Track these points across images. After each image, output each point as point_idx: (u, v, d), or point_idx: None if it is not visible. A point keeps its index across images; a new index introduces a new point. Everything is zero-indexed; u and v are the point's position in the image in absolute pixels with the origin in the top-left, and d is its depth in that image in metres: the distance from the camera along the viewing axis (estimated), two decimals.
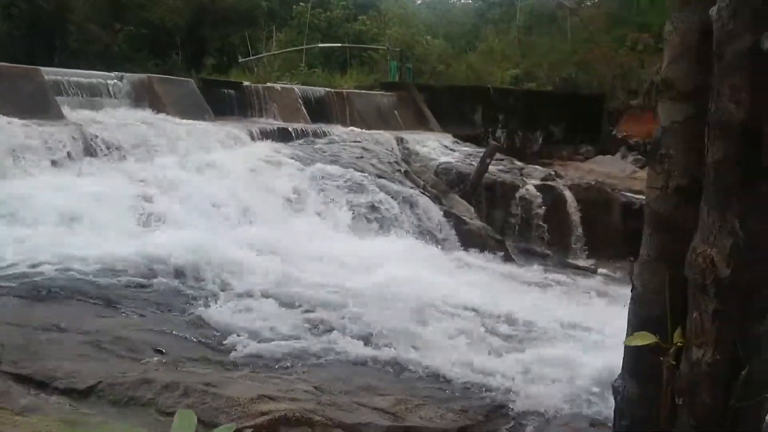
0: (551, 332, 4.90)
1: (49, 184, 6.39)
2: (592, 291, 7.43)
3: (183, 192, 7.03)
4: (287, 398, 2.92)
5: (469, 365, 3.87)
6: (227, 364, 3.44)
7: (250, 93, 11.85)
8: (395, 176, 9.72)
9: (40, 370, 2.90)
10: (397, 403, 3.18)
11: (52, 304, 3.91)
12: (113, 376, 2.93)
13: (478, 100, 15.42)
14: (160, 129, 8.50)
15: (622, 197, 11.53)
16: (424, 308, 4.95)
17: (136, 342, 3.51)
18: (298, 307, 4.49)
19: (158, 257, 4.98)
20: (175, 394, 2.79)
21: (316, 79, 18.25)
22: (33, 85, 8.50)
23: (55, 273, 4.41)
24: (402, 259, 6.62)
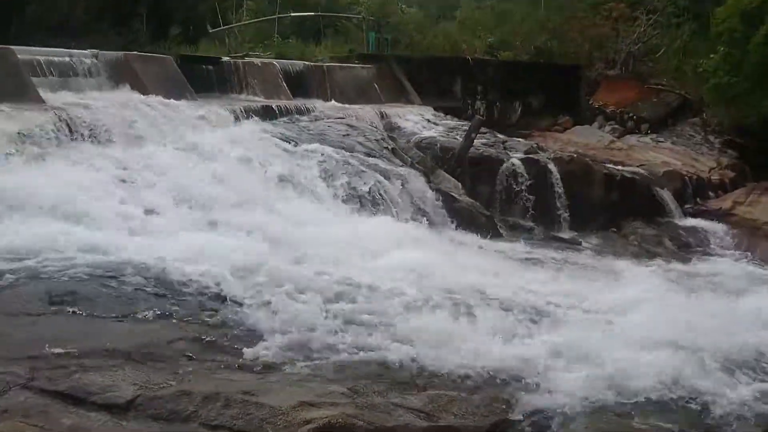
0: (562, 315, 5.00)
1: (36, 175, 6.17)
2: (584, 267, 7.59)
3: (173, 179, 6.89)
4: (327, 403, 2.94)
5: (491, 354, 3.93)
6: (257, 367, 3.43)
7: (230, 69, 11.57)
8: (383, 154, 9.68)
9: (75, 386, 2.85)
10: (429, 402, 3.23)
11: (64, 311, 3.82)
12: (150, 388, 2.91)
13: (457, 71, 15.33)
14: (143, 111, 8.26)
15: (603, 169, 11.69)
16: (433, 296, 4.98)
17: (162, 349, 3.47)
18: (313, 300, 4.47)
19: (161, 254, 4.88)
20: (216, 406, 2.78)
21: (290, 50, 17.85)
22: (6, 66, 8.15)
23: (62, 275, 4.29)
24: (400, 242, 6.66)
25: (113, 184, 6.41)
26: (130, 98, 8.80)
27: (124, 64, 9.69)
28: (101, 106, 8.02)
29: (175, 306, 4.19)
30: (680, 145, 14.11)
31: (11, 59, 8.25)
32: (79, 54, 9.53)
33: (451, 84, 15.27)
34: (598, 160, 12.43)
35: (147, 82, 9.60)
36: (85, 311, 3.85)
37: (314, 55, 17.15)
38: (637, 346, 4.15)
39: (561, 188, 11.13)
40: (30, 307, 3.80)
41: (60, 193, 5.85)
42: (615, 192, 11.44)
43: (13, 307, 3.78)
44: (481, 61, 16.01)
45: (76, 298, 3.99)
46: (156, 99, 9.01)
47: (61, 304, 3.89)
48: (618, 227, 11.17)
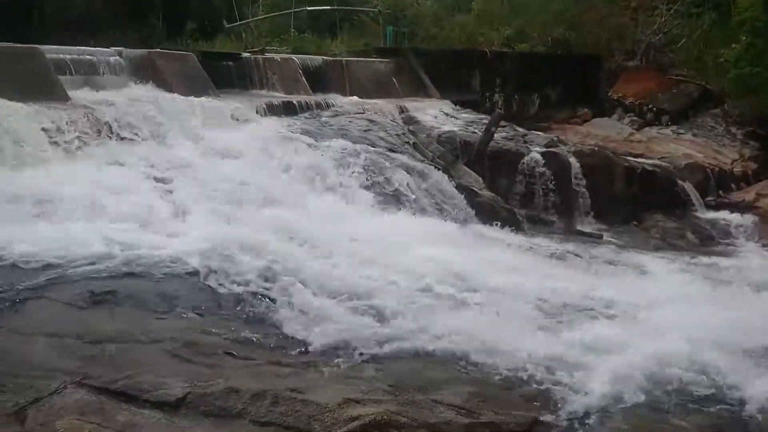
0: (591, 310, 5.02)
1: (66, 174, 6.28)
2: (609, 262, 7.59)
3: (201, 176, 6.96)
4: (371, 400, 3.00)
5: (525, 351, 3.96)
6: (297, 365, 3.50)
7: (250, 64, 11.63)
8: (405, 149, 9.70)
9: (127, 384, 2.93)
10: (469, 398, 3.27)
11: (107, 309, 3.91)
12: (198, 385, 2.98)
13: (475, 65, 15.29)
14: (168, 109, 8.34)
15: (624, 162, 11.63)
16: (462, 292, 5.02)
17: (205, 346, 3.55)
18: (346, 297, 4.54)
19: (192, 251, 4.96)
20: (265, 403, 2.85)
21: (307, 45, 17.87)
22: (35, 65, 8.26)
23: (101, 274, 4.38)
24: (426, 238, 6.69)
25: (142, 181, 6.50)
26: (154, 95, 8.88)
27: (147, 62, 9.79)
28: (127, 104, 8.11)
29: (212, 303, 4.27)
30: (701, 137, 13.97)
31: (40, 58, 8.36)
32: (104, 52, 9.64)
33: (469, 77, 15.24)
34: (618, 152, 12.37)
35: (170, 79, 9.69)
36: (128, 309, 3.94)
37: (330, 49, 17.18)
38: (669, 342, 4.16)
39: (582, 182, 11.10)
40: (75, 305, 3.89)
41: (92, 191, 5.96)
42: (636, 185, 11.37)
43: (58, 306, 3.88)
44: (499, 54, 15.94)
45: (117, 296, 4.07)
46: (179, 96, 9.10)
47: (104, 302, 3.97)
48: (639, 220, 11.11)
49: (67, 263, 4.51)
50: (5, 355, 3.10)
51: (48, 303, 3.89)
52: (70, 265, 4.46)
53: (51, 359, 3.11)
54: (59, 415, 2.62)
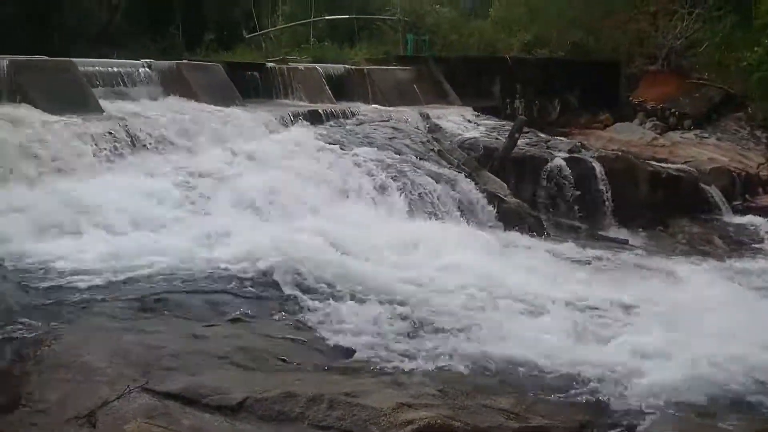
0: (627, 315, 5.05)
1: (105, 185, 6.43)
2: (640, 267, 7.58)
3: (235, 185, 7.08)
4: (423, 405, 3.06)
5: (567, 355, 4.01)
6: (347, 369, 3.57)
7: (274, 74, 11.79)
8: (430, 156, 9.78)
9: (188, 387, 3.02)
10: (516, 403, 3.32)
11: (159, 317, 4.02)
12: (256, 390, 3.06)
13: (496, 71, 15.35)
14: (199, 119, 8.50)
15: (649, 166, 11.60)
16: (499, 297, 5.07)
17: (257, 351, 3.63)
18: (387, 303, 4.61)
19: (238, 259, 5.07)
20: (322, 407, 2.92)
21: (326, 53, 18.04)
22: (70, 78, 8.47)
23: (149, 282, 4.50)
24: (456, 244, 6.74)
25: (179, 191, 6.62)
26: (184, 106, 9.06)
27: (176, 73, 9.97)
28: (159, 115, 8.28)
29: (258, 310, 4.37)
30: (725, 140, 13.91)
31: (73, 71, 8.57)
32: (133, 64, 9.85)
33: (489, 84, 15.29)
34: (642, 157, 12.36)
35: (198, 89, 9.87)
36: (178, 317, 4.04)
37: (350, 57, 17.33)
38: (711, 346, 4.18)
39: (606, 187, 11.10)
40: (127, 313, 4.01)
41: (131, 202, 6.10)
42: (661, 190, 11.33)
43: (111, 314, 3.99)
44: (519, 60, 15.99)
45: (167, 304, 4.18)
46: (208, 106, 9.26)
47: (155, 310, 4.08)
48: (665, 225, 11.07)
49: (114, 273, 4.63)
50: (68, 360, 3.20)
51: (101, 311, 4.00)
52: (117, 275, 4.58)
53: (112, 365, 3.21)
54: (127, 418, 2.71)
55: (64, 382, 2.97)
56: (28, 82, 7.93)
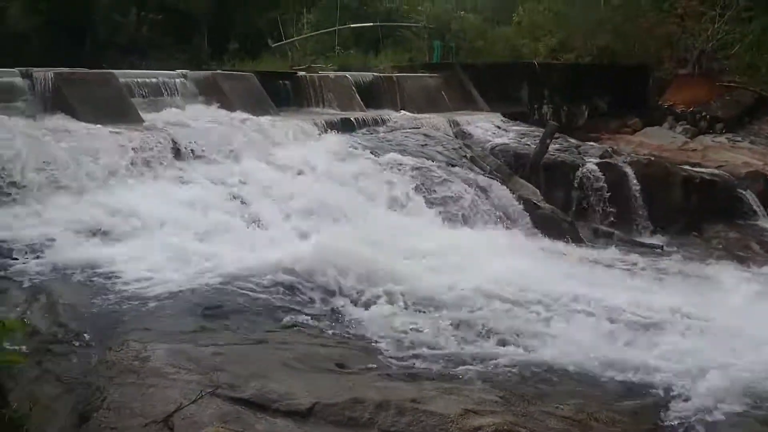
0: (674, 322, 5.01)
1: (150, 193, 6.56)
2: (679, 272, 7.52)
3: (275, 192, 7.17)
4: (488, 411, 3.08)
5: (621, 362, 4.00)
6: (408, 376, 3.61)
7: (306, 83, 11.91)
8: (463, 162, 9.80)
9: (257, 393, 3.08)
10: (578, 410, 3.33)
11: (218, 323, 4.09)
12: (323, 395, 3.10)
13: (523, 77, 15.32)
14: (236, 128, 8.62)
15: (682, 171, 11.50)
16: (549, 304, 5.07)
17: (315, 358, 3.68)
18: (437, 309, 4.64)
19: (285, 264, 5.14)
20: (390, 413, 2.96)
21: (352, 61, 18.17)
22: (111, 89, 8.65)
23: (201, 289, 4.58)
24: (495, 251, 6.76)
25: (222, 199, 6.73)
26: (221, 115, 9.20)
27: (211, 83, 10.13)
28: (198, 125, 8.42)
29: (311, 315, 4.43)
30: (759, 144, 13.71)
31: (114, 82, 8.76)
32: (170, 74, 10.03)
33: (517, 89, 15.27)
34: (675, 162, 12.24)
35: (233, 98, 10.02)
36: (237, 323, 4.12)
37: (374, 65, 17.44)
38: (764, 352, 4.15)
39: (639, 192, 11.02)
40: (187, 320, 4.09)
41: (177, 210, 6.21)
42: (695, 195, 11.22)
43: (172, 320, 4.07)
44: (547, 65, 15.96)
45: (223, 310, 4.26)
46: (243, 115, 9.39)
47: (213, 317, 4.16)
48: (699, 231, 10.95)
49: (168, 280, 4.72)
50: (138, 366, 3.28)
51: (160, 317, 4.09)
52: (172, 282, 4.67)
53: (180, 371, 3.28)
54: (203, 423, 2.77)
55: (137, 387, 3.04)
56: (71, 93, 8.13)
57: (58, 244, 5.25)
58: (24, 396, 2.60)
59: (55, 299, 4.14)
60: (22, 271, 4.73)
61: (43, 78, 8.15)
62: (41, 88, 8.08)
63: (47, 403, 2.66)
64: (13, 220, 5.68)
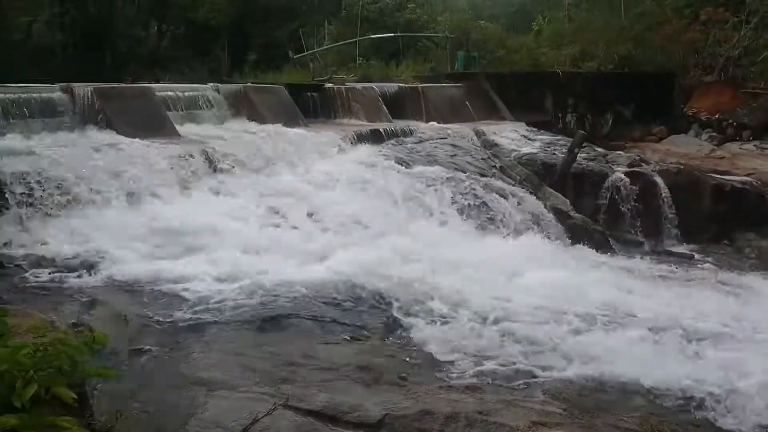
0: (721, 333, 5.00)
1: (192, 206, 6.68)
2: (717, 282, 7.48)
3: (313, 205, 7.26)
4: (555, 423, 3.11)
5: (674, 375, 4.01)
6: (468, 388, 3.64)
7: (333, 94, 12.03)
8: (493, 173, 9.84)
9: (328, 405, 3.13)
10: (641, 422, 3.35)
11: (276, 335, 4.16)
12: (391, 407, 3.15)
13: (547, 85, 15.36)
14: (270, 140, 8.74)
15: (711, 180, 11.43)
16: (594, 315, 5.09)
17: (377, 369, 3.74)
18: (486, 320, 4.69)
19: (334, 276, 5.22)
20: (460, 425, 3.00)
21: (373, 72, 18.30)
22: (147, 103, 8.82)
23: (255, 301, 4.66)
24: (534, 261, 6.78)
25: (262, 212, 6.84)
26: (254, 128, 9.33)
27: (242, 96, 10.28)
28: (233, 137, 8.55)
29: (363, 327, 4.48)
30: None
31: (151, 96, 8.93)
32: (203, 88, 10.19)
33: (540, 98, 15.30)
34: (703, 170, 12.18)
35: (264, 111, 10.15)
36: (294, 335, 4.19)
37: (396, 75, 17.56)
38: None
39: (669, 201, 10.98)
40: (247, 331, 4.16)
41: (221, 222, 6.32)
42: (725, 203, 11.16)
43: (232, 331, 4.15)
44: (571, 74, 15.98)
45: (280, 322, 4.33)
46: (275, 127, 9.52)
47: (270, 329, 4.23)
48: (730, 240, 10.88)
49: (220, 293, 4.81)
50: (207, 378, 3.36)
51: (220, 329, 4.17)
52: (225, 295, 4.75)
53: (248, 383, 3.35)
54: None
55: (210, 399, 3.11)
56: (110, 108, 8.30)
57: (110, 259, 5.36)
58: (107, 408, 2.67)
59: (117, 313, 4.23)
60: (79, 285, 4.83)
61: (83, 93, 8.33)
62: (81, 103, 8.25)
63: (130, 416, 2.73)
64: (62, 234, 5.81)
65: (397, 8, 23.00)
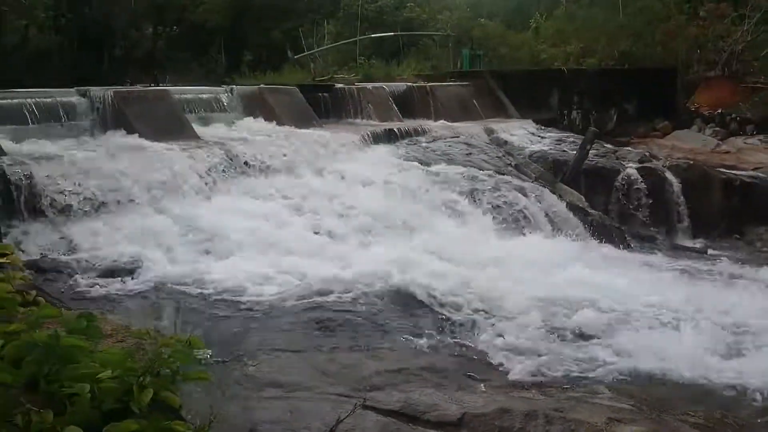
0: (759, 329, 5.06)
1: (227, 207, 6.68)
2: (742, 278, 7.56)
3: (338, 205, 7.28)
4: (629, 419, 3.16)
5: (729, 370, 4.07)
6: (533, 385, 3.69)
7: (344, 94, 12.04)
8: (509, 170, 9.90)
9: (406, 404, 3.16)
10: (707, 418, 3.40)
11: (334, 336, 4.19)
12: (469, 406, 3.19)
13: (552, 83, 15.45)
14: (289, 141, 8.74)
15: (721, 174, 11.56)
16: (632, 311, 5.16)
17: (442, 368, 3.78)
18: (531, 317, 4.73)
19: (376, 276, 5.25)
20: (539, 422, 3.04)
21: (375, 71, 18.30)
22: (167, 106, 8.79)
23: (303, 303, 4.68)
24: (562, 258, 6.83)
25: (290, 213, 6.85)
26: (272, 129, 9.34)
27: (257, 97, 10.27)
28: (254, 139, 8.55)
29: (413, 327, 4.52)
30: None
31: (169, 100, 8.90)
32: (217, 90, 10.17)
33: (546, 96, 15.38)
34: (710, 164, 12.30)
35: (280, 112, 10.15)
36: (351, 335, 4.21)
37: (398, 74, 17.57)
38: None
39: (680, 196, 11.09)
40: (302, 333, 4.19)
41: (250, 224, 6.33)
42: (735, 197, 11.28)
43: (288, 333, 4.17)
44: (576, 71, 16.05)
45: (335, 324, 4.36)
46: (291, 128, 9.53)
47: (327, 330, 4.26)
48: (741, 234, 11.00)
49: (269, 295, 4.83)
50: (280, 380, 3.38)
51: (279, 333, 4.18)
52: (274, 297, 4.77)
53: (321, 384, 3.37)
54: None
55: (290, 401, 3.13)
56: (131, 111, 8.27)
57: (149, 262, 5.36)
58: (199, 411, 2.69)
59: (168, 316, 4.24)
60: (123, 290, 4.84)
61: (102, 97, 8.29)
62: (102, 107, 8.22)
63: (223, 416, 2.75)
64: (94, 237, 5.79)
65: (396, 7, 23.00)
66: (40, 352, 2.02)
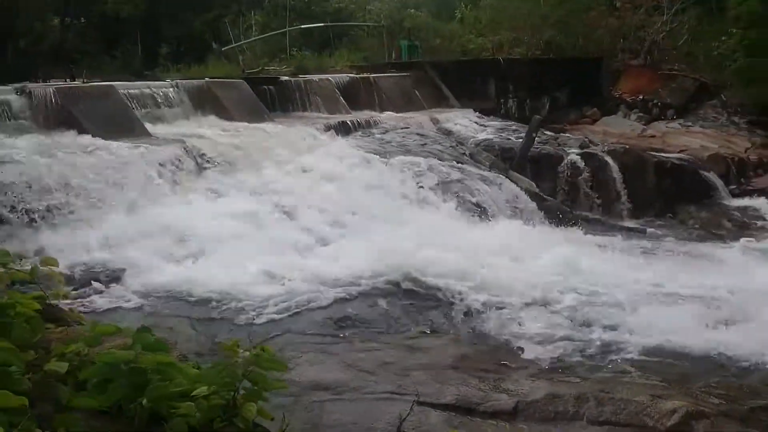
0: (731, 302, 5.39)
1: (195, 208, 6.40)
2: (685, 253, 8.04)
3: (312, 201, 7.14)
4: (668, 395, 3.31)
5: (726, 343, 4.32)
6: (569, 368, 3.78)
7: (291, 87, 11.79)
8: (464, 159, 10.05)
9: (458, 398, 3.16)
10: (728, 387, 3.64)
11: (355, 333, 4.11)
12: (517, 395, 3.23)
13: (489, 73, 15.79)
14: (245, 136, 8.48)
15: (653, 158, 12.24)
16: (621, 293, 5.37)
17: (473, 359, 3.79)
18: (533, 303, 4.83)
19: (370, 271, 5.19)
20: (590, 405, 3.13)
21: (308, 62, 18.02)
22: (113, 102, 8.29)
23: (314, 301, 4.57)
24: (537, 242, 7.02)
25: (268, 212, 6.64)
26: (224, 124, 9.01)
27: (205, 92, 9.87)
28: (209, 135, 8.22)
29: (427, 319, 4.52)
30: (708, 128, 14.76)
31: (115, 95, 8.39)
32: (162, 85, 9.69)
33: (484, 85, 15.71)
34: (641, 148, 13.01)
35: (229, 107, 9.81)
36: (368, 331, 4.15)
37: (331, 66, 17.39)
38: None
39: (620, 179, 11.65)
40: (328, 332, 4.08)
41: (232, 225, 6.09)
42: (667, 179, 11.95)
43: (316, 333, 4.05)
44: (511, 61, 16.48)
45: (352, 320, 4.28)
46: (243, 123, 9.24)
47: (346, 327, 4.17)
48: (674, 212, 11.71)
49: (271, 296, 4.67)
50: (323, 381, 3.28)
51: (299, 332, 4.06)
52: (280, 298, 4.62)
53: (367, 382, 3.31)
54: (435, 429, 2.84)
55: (342, 402, 3.05)
56: (76, 109, 7.74)
57: (132, 267, 5.05)
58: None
59: (173, 321, 4.02)
60: (112, 294, 4.53)
61: (42, 94, 7.71)
62: (43, 105, 7.63)
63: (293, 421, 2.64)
64: (66, 244, 5.40)
65: None
66: (126, 373, 1.87)
